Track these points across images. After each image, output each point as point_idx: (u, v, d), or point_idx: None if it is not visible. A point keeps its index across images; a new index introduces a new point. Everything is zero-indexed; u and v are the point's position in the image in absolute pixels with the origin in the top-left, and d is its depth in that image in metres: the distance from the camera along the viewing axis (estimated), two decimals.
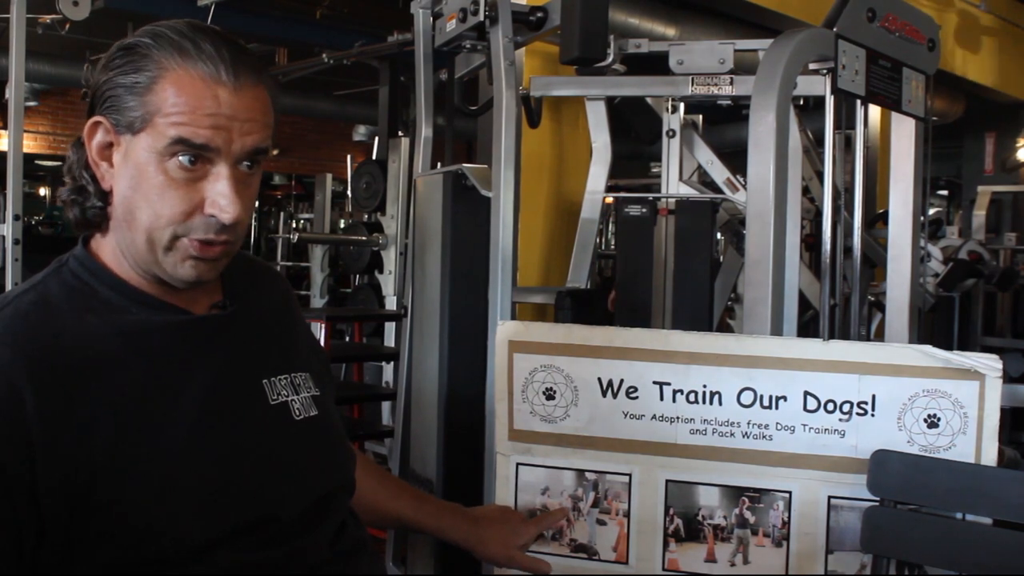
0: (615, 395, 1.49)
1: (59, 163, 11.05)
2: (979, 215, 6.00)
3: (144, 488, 0.92)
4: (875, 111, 2.58)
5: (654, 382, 1.47)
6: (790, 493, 1.43)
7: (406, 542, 2.16)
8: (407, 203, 4.56)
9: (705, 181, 3.05)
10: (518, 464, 1.53)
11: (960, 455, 1.36)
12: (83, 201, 1.02)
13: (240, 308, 1.10)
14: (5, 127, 4.20)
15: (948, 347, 1.37)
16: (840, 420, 1.40)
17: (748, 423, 1.43)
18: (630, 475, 1.49)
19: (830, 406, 1.40)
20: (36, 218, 12.05)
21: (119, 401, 0.94)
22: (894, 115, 1.98)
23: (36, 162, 11.18)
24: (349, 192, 6.01)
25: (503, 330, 1.54)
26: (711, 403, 1.44)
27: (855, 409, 1.39)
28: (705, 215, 2.74)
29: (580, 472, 1.51)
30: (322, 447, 1.13)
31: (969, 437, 1.35)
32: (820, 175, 3.14)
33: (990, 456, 1.35)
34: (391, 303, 4.90)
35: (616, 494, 1.49)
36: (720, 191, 2.90)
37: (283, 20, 6.26)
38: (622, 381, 1.48)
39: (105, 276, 1.02)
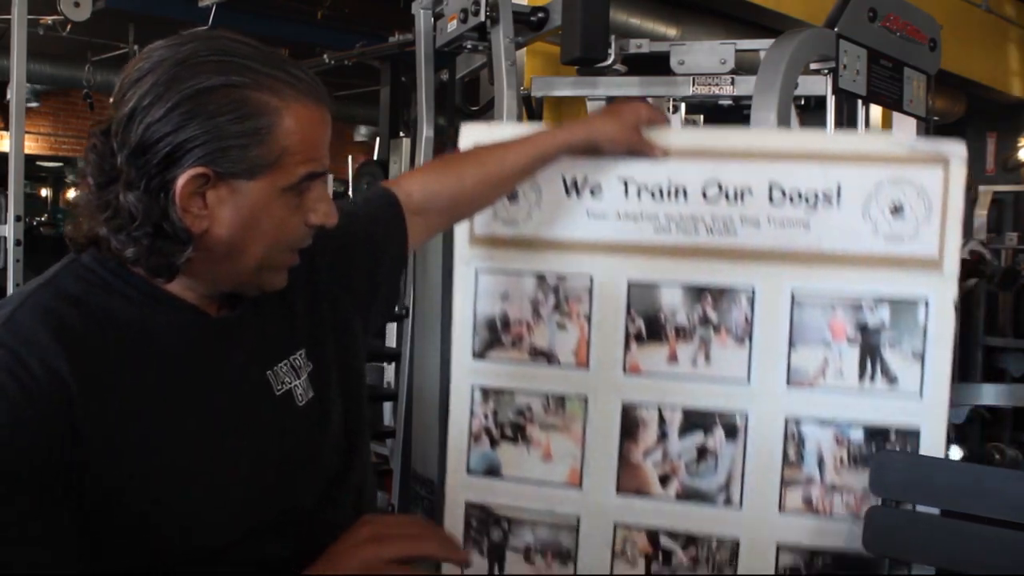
0: (579, 193, 1.45)
1: (60, 164, 11.10)
2: (980, 215, 5.98)
3: (168, 487, 0.93)
4: (876, 111, 2.58)
5: (618, 178, 1.43)
6: (753, 289, 1.40)
7: None
8: None
9: None
10: (477, 271, 1.49)
11: (925, 244, 1.34)
12: (166, 248, 0.95)
13: (247, 305, 1.09)
14: (6, 128, 4.20)
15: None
16: (806, 211, 1.37)
17: (712, 218, 1.40)
18: (591, 277, 1.46)
19: (795, 196, 1.37)
20: (37, 219, 12.03)
21: (145, 400, 0.93)
22: (895, 115, 1.99)
23: (37, 163, 11.14)
24: (350, 193, 6.00)
25: (468, 132, 1.49)
26: (676, 199, 1.41)
27: (820, 199, 1.37)
28: None
29: (540, 277, 1.47)
30: (326, 428, 1.12)
31: (933, 226, 1.33)
32: None
33: (953, 244, 1.33)
34: None
35: (577, 297, 1.46)
36: None
37: (284, 20, 6.26)
38: (586, 179, 1.45)
39: (125, 274, 0.99)
